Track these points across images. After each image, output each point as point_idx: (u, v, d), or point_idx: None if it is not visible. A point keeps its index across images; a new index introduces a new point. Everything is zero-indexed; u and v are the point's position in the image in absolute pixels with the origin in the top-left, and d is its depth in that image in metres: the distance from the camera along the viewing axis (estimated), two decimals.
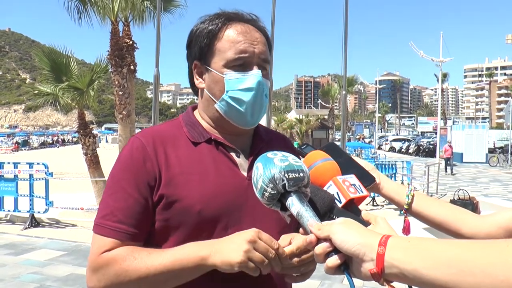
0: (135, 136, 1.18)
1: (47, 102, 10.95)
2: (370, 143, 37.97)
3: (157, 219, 1.10)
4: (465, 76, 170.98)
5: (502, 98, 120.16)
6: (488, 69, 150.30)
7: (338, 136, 31.89)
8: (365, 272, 0.72)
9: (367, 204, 10.54)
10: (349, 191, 0.99)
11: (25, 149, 40.90)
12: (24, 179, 8.44)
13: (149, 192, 1.09)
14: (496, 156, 27.24)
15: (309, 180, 0.91)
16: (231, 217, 1.12)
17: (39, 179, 8.45)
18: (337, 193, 0.98)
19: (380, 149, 40.17)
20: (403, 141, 43.77)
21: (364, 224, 0.91)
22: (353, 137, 47.42)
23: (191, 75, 1.25)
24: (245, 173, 1.18)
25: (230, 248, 0.97)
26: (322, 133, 34.85)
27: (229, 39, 1.15)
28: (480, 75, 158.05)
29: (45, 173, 8.35)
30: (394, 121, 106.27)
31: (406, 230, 1.32)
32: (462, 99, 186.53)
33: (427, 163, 13.50)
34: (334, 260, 0.76)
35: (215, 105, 1.18)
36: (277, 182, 0.87)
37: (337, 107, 50.24)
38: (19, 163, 8.73)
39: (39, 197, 8.31)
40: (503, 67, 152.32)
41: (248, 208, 1.13)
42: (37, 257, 6.29)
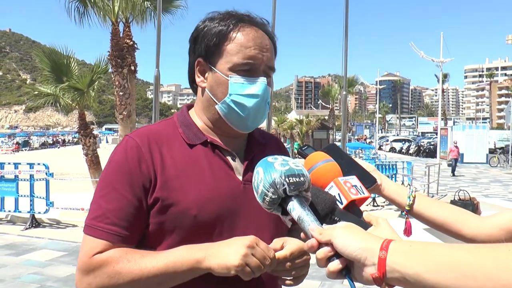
0: (129, 136, 1.15)
1: (48, 103, 10.96)
2: (371, 144, 37.98)
3: (152, 222, 1.08)
4: (466, 77, 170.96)
5: (503, 99, 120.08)
6: (489, 70, 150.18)
7: (339, 137, 31.90)
8: (367, 277, 0.72)
9: (368, 205, 10.53)
10: (351, 193, 0.98)
11: (26, 150, 40.90)
12: (25, 180, 8.44)
13: (144, 194, 1.07)
14: (497, 157, 27.24)
15: (310, 184, 0.91)
16: (226, 221, 1.11)
17: (40, 180, 8.45)
18: (339, 195, 0.98)
19: (381, 150, 40.17)
20: (404, 142, 43.77)
21: (366, 225, 0.91)
22: (354, 138, 47.47)
23: (192, 71, 1.22)
24: (240, 177, 1.17)
25: (228, 252, 0.97)
26: (323, 134, 34.82)
27: (239, 43, 1.13)
28: (481, 76, 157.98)
29: (46, 174, 8.35)
30: (395, 122, 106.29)
31: (407, 231, 1.31)
32: (463, 100, 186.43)
33: (428, 164, 13.48)
34: (336, 265, 0.76)
35: (216, 106, 1.16)
36: (278, 187, 0.87)
37: (338, 108, 50.22)
38: (20, 164, 8.72)
39: (40, 198, 8.31)
40: (504, 68, 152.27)
41: (243, 213, 1.13)
42: (38, 258, 6.29)
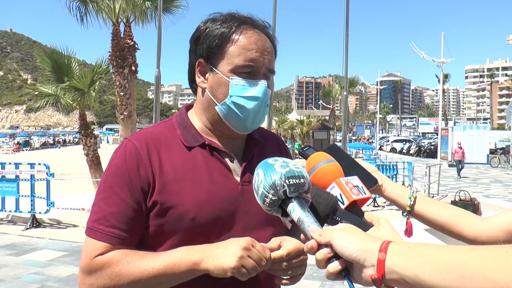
0: (128, 139, 1.16)
1: (49, 103, 10.97)
2: (372, 144, 37.96)
3: (151, 224, 1.11)
4: (466, 77, 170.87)
5: (504, 99, 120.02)
6: (489, 70, 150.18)
7: (339, 137, 31.89)
8: (366, 278, 0.73)
9: (368, 205, 10.52)
10: (352, 193, 0.99)
11: (27, 150, 40.98)
12: (26, 180, 8.45)
13: (143, 198, 1.10)
14: (498, 157, 27.20)
15: (310, 186, 0.91)
16: (225, 223, 1.13)
17: (40, 180, 8.45)
18: (340, 195, 0.99)
19: (381, 150, 40.17)
20: (404, 142, 43.75)
21: (367, 226, 0.92)
22: (355, 138, 47.43)
23: (192, 71, 1.23)
24: (238, 178, 1.18)
25: (224, 254, 0.99)
26: (323, 134, 34.78)
27: (241, 45, 1.14)
28: (481, 76, 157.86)
29: (46, 174, 8.36)
30: (395, 122, 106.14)
31: (408, 232, 1.31)
32: (463, 100, 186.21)
33: (428, 164, 13.48)
34: (335, 266, 0.77)
35: (216, 107, 1.17)
36: (278, 188, 0.88)
37: (338, 108, 50.23)
38: (21, 164, 8.73)
39: (40, 198, 8.32)
40: (504, 68, 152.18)
41: (241, 214, 1.15)
42: (38, 258, 6.30)
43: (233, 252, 0.98)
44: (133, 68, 10.40)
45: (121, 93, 10.30)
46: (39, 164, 8.59)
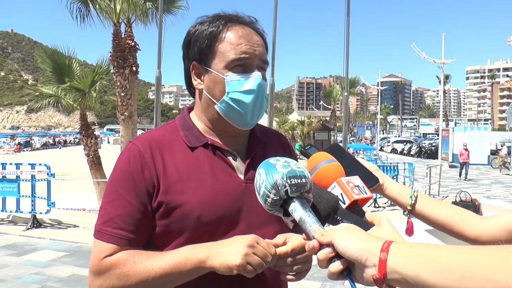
0: (132, 143, 1.19)
1: (49, 104, 10.97)
2: (373, 145, 37.95)
3: (157, 225, 1.13)
4: (467, 78, 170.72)
5: (504, 100, 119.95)
6: (490, 71, 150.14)
7: (340, 138, 31.88)
8: (368, 278, 0.73)
9: (369, 206, 10.52)
10: (353, 193, 0.99)
11: (27, 150, 40.99)
12: (26, 180, 8.46)
13: (148, 199, 1.11)
14: (498, 158, 27.15)
15: (312, 186, 0.92)
16: (230, 220, 1.14)
17: (41, 180, 8.46)
18: (341, 194, 0.99)
19: (382, 151, 40.14)
20: (405, 143, 43.72)
21: (368, 225, 0.92)
22: (356, 139, 47.40)
23: (188, 76, 1.25)
24: (242, 176, 1.19)
25: (229, 252, 1.00)
26: (324, 135, 34.82)
27: (230, 41, 1.16)
28: (482, 77, 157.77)
29: (47, 174, 8.37)
30: (396, 123, 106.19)
31: (409, 231, 1.31)
32: (464, 101, 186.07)
33: (429, 165, 13.47)
34: (337, 266, 0.77)
35: (215, 106, 1.19)
36: (280, 188, 0.88)
37: (339, 109, 50.19)
38: (21, 164, 8.73)
39: (41, 198, 8.33)
40: (506, 69, 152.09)
41: (245, 211, 1.15)
42: (39, 258, 6.31)
43: (238, 250, 0.99)
44: (134, 69, 10.38)
45: (122, 94, 10.29)
46: (40, 165, 8.59)
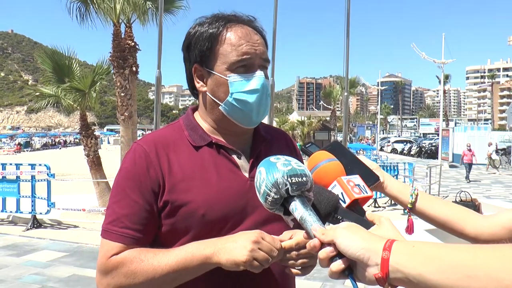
0: (137, 143, 1.20)
1: (49, 104, 10.98)
2: (372, 145, 37.97)
3: (163, 224, 1.14)
4: (467, 78, 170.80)
5: (504, 100, 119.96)
6: (490, 71, 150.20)
7: (340, 138, 31.87)
8: (370, 277, 0.72)
9: (369, 206, 10.52)
10: (354, 192, 0.99)
11: (27, 151, 41.02)
12: (26, 180, 8.45)
13: (154, 199, 1.13)
14: (499, 158, 27.15)
15: (312, 184, 0.91)
16: (235, 218, 1.14)
17: (41, 180, 8.46)
18: (342, 193, 0.99)
19: (382, 151, 40.15)
20: (405, 143, 43.71)
21: (369, 224, 0.91)
22: (356, 139, 47.41)
23: (191, 78, 1.26)
24: (247, 174, 1.20)
25: (235, 248, 1.00)
26: (324, 135, 34.87)
27: (231, 42, 1.16)
28: (482, 77, 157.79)
29: (47, 174, 8.37)
30: (396, 123, 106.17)
31: (409, 229, 1.31)
32: (464, 101, 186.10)
33: (429, 165, 13.47)
34: (338, 265, 0.76)
35: (220, 107, 1.19)
36: (280, 187, 0.88)
37: (339, 109, 50.23)
38: (21, 164, 8.72)
39: (41, 198, 8.33)
40: (506, 69, 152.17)
41: (250, 208, 1.16)
42: (39, 258, 6.30)
43: (244, 246, 1.00)
44: (134, 69, 10.38)
45: (122, 94, 10.29)
46: (40, 165, 8.58)
